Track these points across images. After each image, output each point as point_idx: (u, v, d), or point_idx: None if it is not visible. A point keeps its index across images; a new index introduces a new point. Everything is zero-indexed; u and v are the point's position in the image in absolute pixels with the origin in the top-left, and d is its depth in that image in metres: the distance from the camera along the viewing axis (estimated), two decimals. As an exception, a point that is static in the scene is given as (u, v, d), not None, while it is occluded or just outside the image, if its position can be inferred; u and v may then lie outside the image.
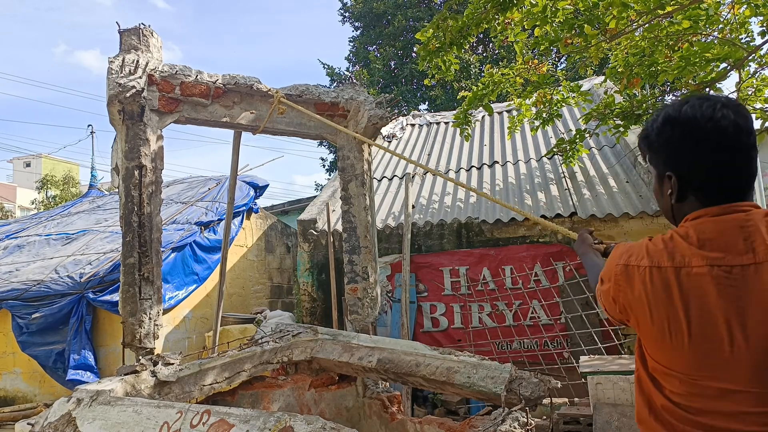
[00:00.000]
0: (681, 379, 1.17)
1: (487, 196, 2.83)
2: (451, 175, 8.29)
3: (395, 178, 8.58)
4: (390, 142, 10.11)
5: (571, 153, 6.29)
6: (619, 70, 5.56)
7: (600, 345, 5.69)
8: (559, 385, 2.76)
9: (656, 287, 1.18)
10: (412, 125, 10.84)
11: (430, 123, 10.80)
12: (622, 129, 5.67)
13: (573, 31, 4.94)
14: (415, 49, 7.17)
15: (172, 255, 6.93)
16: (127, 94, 3.26)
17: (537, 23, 5.07)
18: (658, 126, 1.29)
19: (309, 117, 3.88)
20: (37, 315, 6.55)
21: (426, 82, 6.50)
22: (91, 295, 6.45)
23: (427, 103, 17.43)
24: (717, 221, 1.19)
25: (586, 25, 4.82)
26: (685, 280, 1.15)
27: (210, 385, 2.97)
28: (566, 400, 5.15)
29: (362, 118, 4.12)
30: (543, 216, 6.41)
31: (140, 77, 3.34)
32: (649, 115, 5.49)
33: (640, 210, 6.11)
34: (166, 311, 6.69)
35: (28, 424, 2.50)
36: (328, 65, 17.98)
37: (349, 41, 19.13)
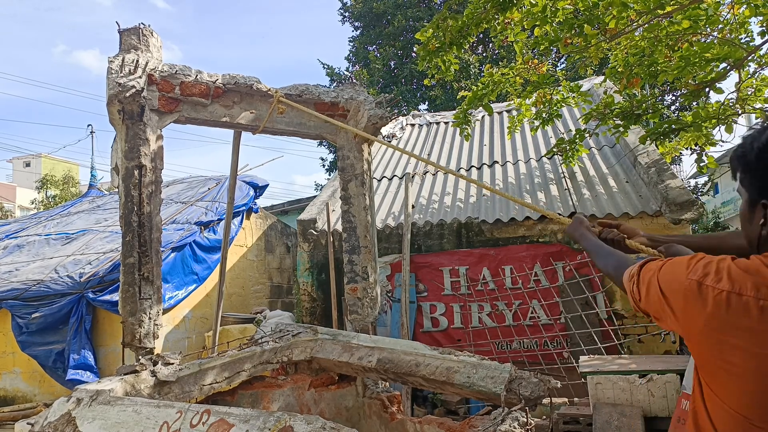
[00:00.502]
0: (733, 416, 1.09)
1: (500, 193, 2.83)
2: (451, 175, 8.29)
3: (395, 178, 8.58)
4: (390, 141, 10.11)
5: (570, 153, 6.29)
6: (619, 70, 5.56)
7: (600, 345, 5.70)
8: (558, 385, 2.76)
9: (734, 316, 1.06)
10: (412, 125, 10.84)
11: (430, 123, 10.80)
12: (621, 129, 5.67)
13: (573, 31, 4.94)
14: (414, 49, 7.17)
15: (172, 255, 6.93)
16: (127, 94, 3.25)
17: (537, 23, 5.07)
18: (760, 146, 1.15)
19: (309, 116, 3.88)
20: (36, 315, 6.55)
21: (426, 82, 6.50)
22: (90, 295, 6.45)
23: (426, 103, 17.43)
24: None
25: (585, 25, 4.82)
26: (766, 313, 1.03)
27: (210, 384, 2.97)
28: (566, 399, 5.15)
29: (362, 118, 4.12)
30: (543, 216, 6.41)
31: (140, 77, 3.34)
32: (650, 115, 5.49)
33: (639, 210, 6.12)
34: (165, 311, 6.69)
35: (28, 423, 2.50)
36: (328, 65, 17.99)
37: (349, 41, 19.14)
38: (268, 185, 9.35)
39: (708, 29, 5.00)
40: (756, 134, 1.19)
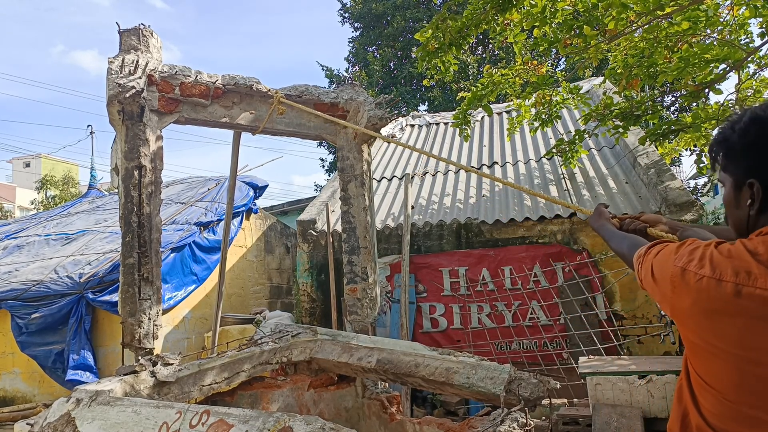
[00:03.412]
0: (718, 398, 1.11)
1: (524, 189, 2.83)
2: (451, 175, 8.30)
3: (395, 178, 8.58)
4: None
5: (570, 154, 6.29)
6: (619, 71, 5.57)
7: (599, 346, 5.70)
8: (558, 386, 2.76)
9: (711, 301, 1.08)
10: (412, 126, 10.84)
11: (430, 123, 10.81)
12: (621, 130, 5.68)
13: (572, 32, 4.94)
14: (414, 49, 7.18)
15: (172, 255, 6.93)
16: (127, 95, 3.26)
17: (536, 24, 5.08)
18: (742, 128, 1.17)
19: (309, 116, 3.89)
20: (36, 315, 6.54)
21: (425, 82, 6.50)
22: (90, 296, 6.45)
23: (426, 104, 17.44)
24: None
25: (585, 26, 4.83)
26: (746, 299, 1.05)
27: (209, 385, 2.97)
28: (565, 400, 5.15)
29: (362, 119, 4.12)
30: (542, 217, 6.42)
31: (140, 77, 3.34)
32: (649, 116, 5.49)
33: (639, 210, 6.12)
34: (165, 311, 6.69)
35: (28, 424, 2.50)
36: (327, 67, 17.99)
37: (349, 42, 19.15)
38: (267, 186, 9.35)
39: (707, 30, 5.01)
40: (736, 118, 1.21)
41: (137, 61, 3.40)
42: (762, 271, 1.05)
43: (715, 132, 1.30)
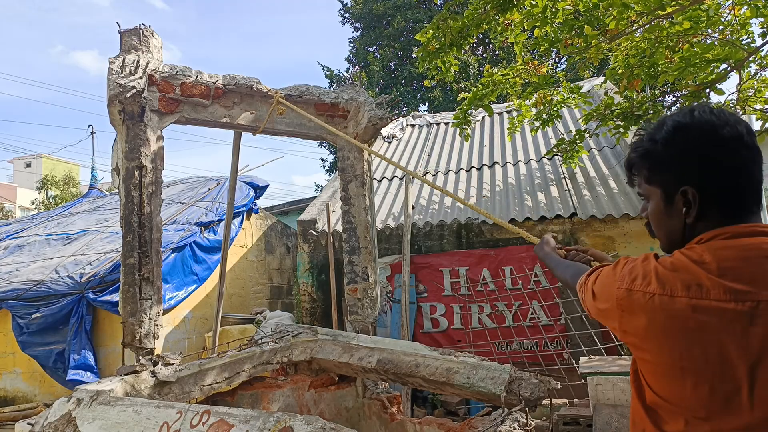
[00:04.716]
0: (687, 418, 1.05)
1: (462, 200, 2.83)
2: (452, 175, 8.29)
3: (395, 178, 8.58)
4: (390, 142, 10.12)
5: (571, 154, 6.29)
6: (620, 71, 5.56)
7: (600, 346, 5.69)
8: (558, 386, 2.76)
9: (668, 319, 1.04)
10: (412, 126, 10.84)
11: (430, 124, 10.81)
12: (622, 130, 5.67)
13: (573, 32, 4.94)
14: (414, 50, 7.18)
15: (172, 255, 6.93)
16: (128, 95, 3.26)
17: (537, 24, 5.07)
18: (664, 137, 1.16)
19: (307, 118, 3.88)
20: (37, 315, 6.55)
21: (426, 83, 6.51)
22: (91, 295, 6.45)
23: (426, 104, 17.44)
24: (739, 246, 1.06)
25: (586, 26, 4.82)
26: (702, 314, 1.01)
27: (210, 385, 2.97)
28: (566, 400, 5.15)
29: (362, 119, 4.12)
30: (543, 217, 6.41)
31: (140, 78, 3.34)
32: (650, 116, 5.49)
33: (640, 210, 6.10)
34: (166, 311, 6.69)
35: (28, 424, 2.50)
36: (327, 67, 17.99)
37: (349, 42, 19.16)
38: (268, 186, 9.35)
39: (709, 30, 5.00)
40: (653, 130, 1.20)
41: (138, 62, 3.40)
42: (714, 282, 1.02)
43: (631, 149, 1.30)
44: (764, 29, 4.85)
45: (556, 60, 15.50)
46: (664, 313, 1.05)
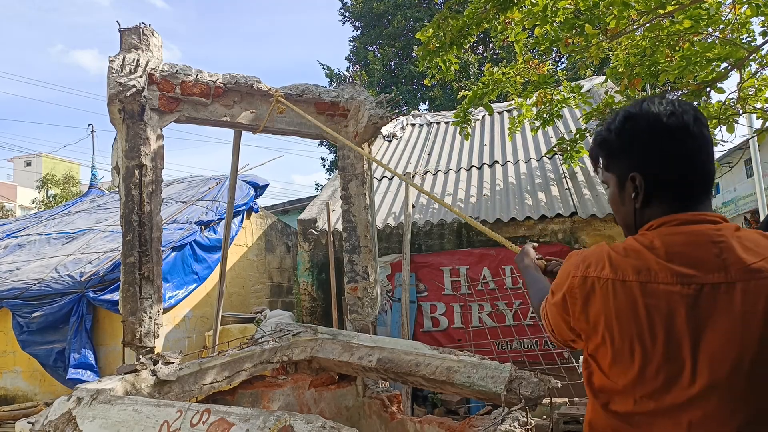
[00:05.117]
0: (635, 398, 1.10)
1: (438, 200, 2.83)
2: (452, 174, 8.29)
3: (395, 177, 8.58)
4: (390, 141, 10.12)
5: (571, 153, 6.28)
6: (620, 70, 5.56)
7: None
8: (559, 385, 2.76)
9: (620, 303, 1.09)
10: (413, 125, 10.84)
11: (431, 123, 10.80)
12: (622, 129, 5.65)
13: (573, 31, 4.93)
14: (414, 49, 7.17)
15: (172, 254, 6.93)
16: (128, 93, 3.25)
17: (537, 23, 5.07)
18: (617, 126, 1.22)
19: (306, 119, 3.88)
20: (37, 314, 6.55)
21: (426, 82, 6.50)
22: (91, 294, 6.45)
23: (426, 103, 17.43)
24: (686, 232, 1.11)
25: (586, 25, 4.82)
26: (651, 297, 1.06)
27: (210, 384, 2.97)
28: (566, 399, 5.15)
29: (362, 118, 4.12)
30: (543, 216, 6.41)
31: (140, 76, 3.34)
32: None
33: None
34: (166, 310, 6.69)
35: (29, 422, 2.50)
36: (327, 66, 17.98)
37: (350, 41, 19.15)
38: (268, 185, 9.35)
39: (709, 29, 4.99)
40: (609, 120, 1.26)
41: (138, 60, 3.40)
42: (661, 266, 1.07)
43: (593, 137, 1.33)
44: (765, 28, 4.84)
45: (557, 59, 15.49)
46: (616, 297, 1.09)
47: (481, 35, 15.11)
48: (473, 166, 8.37)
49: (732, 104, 5.25)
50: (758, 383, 1.03)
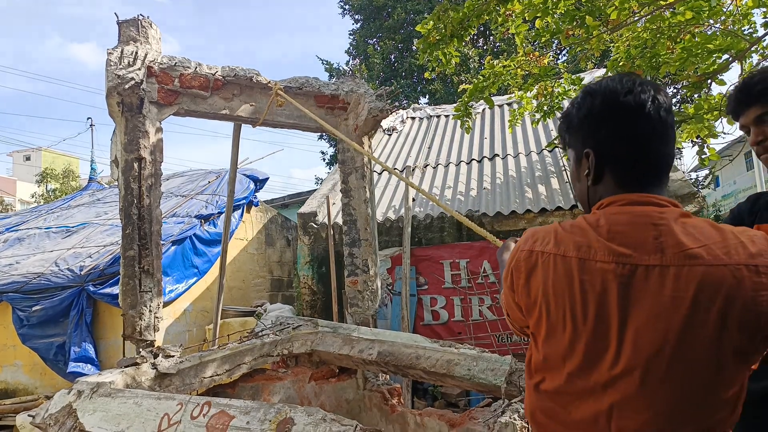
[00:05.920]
0: (564, 375, 1.11)
1: (429, 196, 2.82)
2: (452, 167, 8.28)
3: (396, 170, 8.56)
4: (390, 135, 10.09)
5: (571, 146, 6.26)
6: (621, 62, 5.52)
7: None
8: (559, 378, 2.75)
9: (558, 277, 1.10)
10: (413, 118, 10.81)
11: (431, 116, 10.77)
12: (623, 121, 5.63)
13: (574, 23, 4.90)
14: (414, 42, 7.14)
15: (172, 248, 6.93)
16: (126, 86, 3.24)
17: (538, 14, 5.04)
18: (577, 101, 1.23)
19: (309, 108, 3.86)
20: (37, 308, 6.55)
21: (426, 75, 6.46)
22: (91, 288, 6.46)
23: (426, 97, 17.38)
24: (630, 212, 1.11)
25: (587, 17, 4.79)
26: (587, 273, 1.07)
27: (210, 377, 2.97)
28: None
29: (362, 111, 4.10)
30: (544, 209, 6.40)
31: (139, 69, 3.32)
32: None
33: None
34: (166, 304, 6.70)
35: (29, 416, 2.50)
36: (327, 61, 17.93)
37: (349, 34, 19.06)
38: (268, 178, 9.34)
39: (711, 20, 4.97)
40: (574, 101, 1.26)
41: (136, 53, 3.38)
42: (601, 245, 1.08)
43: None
44: (766, 19, 4.81)
45: (558, 51, 15.43)
46: (556, 271, 1.11)
47: (482, 28, 15.05)
48: (473, 159, 8.35)
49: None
50: (678, 370, 1.01)
